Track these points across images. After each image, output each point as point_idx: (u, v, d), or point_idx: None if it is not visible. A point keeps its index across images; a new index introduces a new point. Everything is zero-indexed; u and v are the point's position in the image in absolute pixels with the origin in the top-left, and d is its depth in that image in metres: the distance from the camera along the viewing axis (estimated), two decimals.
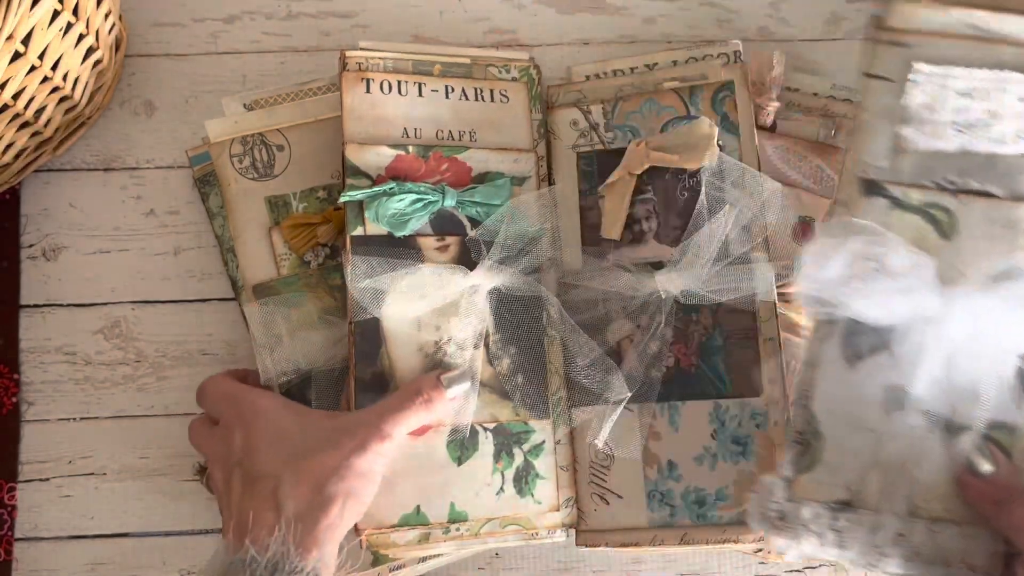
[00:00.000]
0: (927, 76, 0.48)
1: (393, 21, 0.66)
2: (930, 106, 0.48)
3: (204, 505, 0.60)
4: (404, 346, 0.55)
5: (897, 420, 0.48)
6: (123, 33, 0.63)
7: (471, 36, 0.66)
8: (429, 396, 0.52)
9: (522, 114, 0.60)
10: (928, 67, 0.48)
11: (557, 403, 0.57)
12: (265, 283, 0.58)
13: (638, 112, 0.60)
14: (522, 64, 0.61)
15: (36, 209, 0.63)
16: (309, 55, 0.65)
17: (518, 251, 0.57)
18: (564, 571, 0.60)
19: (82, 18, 0.55)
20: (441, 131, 0.58)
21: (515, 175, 0.59)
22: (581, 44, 0.66)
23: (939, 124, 0.48)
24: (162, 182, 0.64)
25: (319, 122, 0.60)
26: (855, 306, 0.48)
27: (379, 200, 0.55)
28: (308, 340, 0.56)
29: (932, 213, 0.48)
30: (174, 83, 0.65)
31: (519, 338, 0.57)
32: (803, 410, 0.50)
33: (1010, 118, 0.47)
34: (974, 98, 0.47)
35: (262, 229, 0.59)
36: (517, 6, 0.66)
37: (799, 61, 0.64)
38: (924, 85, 0.48)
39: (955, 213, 0.48)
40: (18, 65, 0.51)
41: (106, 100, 0.63)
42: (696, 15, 0.67)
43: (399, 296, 0.54)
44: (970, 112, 0.47)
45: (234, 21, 0.66)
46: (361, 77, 0.58)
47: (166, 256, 0.63)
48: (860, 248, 0.47)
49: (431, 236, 0.56)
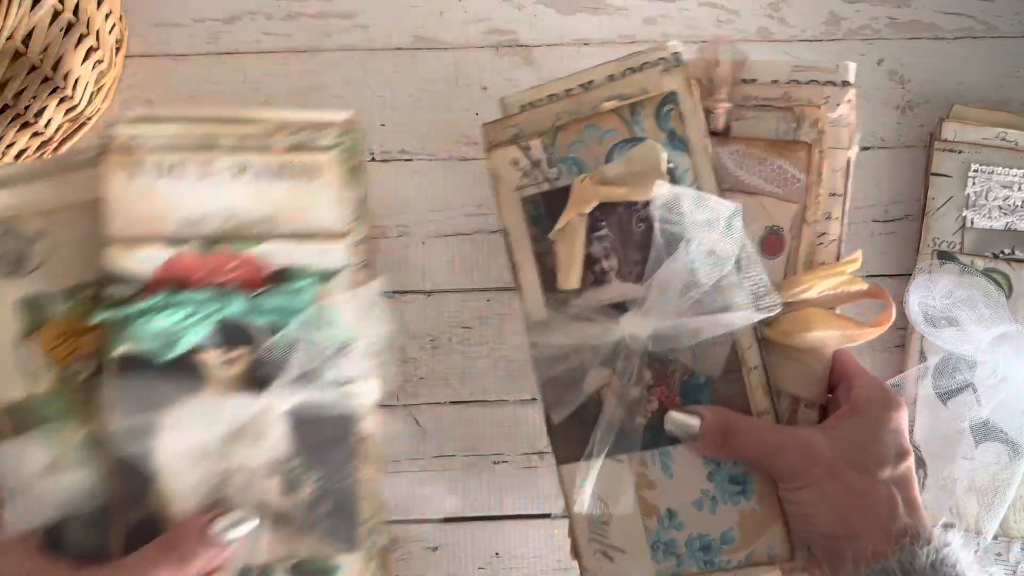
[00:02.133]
0: (977, 173, 0.62)
1: (393, 21, 0.66)
2: (982, 195, 0.62)
3: None
4: (180, 482, 0.46)
5: (985, 449, 0.59)
6: (123, 34, 0.63)
7: (471, 36, 0.66)
8: (184, 553, 0.43)
9: (333, 192, 0.49)
10: (978, 166, 0.62)
11: (370, 533, 0.48)
12: (18, 404, 0.47)
13: (579, 141, 0.53)
14: (336, 130, 0.50)
15: None
16: (309, 55, 0.65)
17: (324, 361, 0.48)
18: (564, 571, 0.60)
19: (83, 19, 0.55)
20: (230, 221, 0.48)
21: (324, 269, 0.48)
22: (581, 44, 0.66)
23: (990, 208, 0.62)
24: None
25: (87, 204, 0.47)
26: (945, 335, 0.59)
27: (145, 316, 0.45)
28: (66, 480, 0.46)
29: (994, 277, 0.62)
30: (174, 83, 0.65)
31: (325, 462, 0.48)
32: None
33: None
34: (1012, 189, 0.62)
35: (11, 338, 0.47)
36: (517, 6, 0.66)
37: None
38: (976, 179, 0.62)
39: (1011, 277, 0.62)
40: (19, 65, 0.51)
41: (106, 101, 0.63)
42: (696, 15, 0.67)
43: (173, 427, 0.45)
44: (1010, 199, 0.62)
45: (234, 21, 0.66)
46: (127, 161, 0.46)
47: None
48: (951, 283, 0.59)
49: (216, 349, 0.47)
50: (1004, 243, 0.62)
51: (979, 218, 0.62)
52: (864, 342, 0.51)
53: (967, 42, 0.67)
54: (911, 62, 0.67)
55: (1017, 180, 0.62)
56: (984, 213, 0.62)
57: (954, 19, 0.67)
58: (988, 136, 0.63)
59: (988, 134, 0.63)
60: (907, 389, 0.61)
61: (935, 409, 0.61)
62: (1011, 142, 0.63)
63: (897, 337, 0.64)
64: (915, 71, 0.67)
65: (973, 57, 0.67)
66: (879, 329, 0.51)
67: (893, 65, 0.67)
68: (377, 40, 0.66)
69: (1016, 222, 0.62)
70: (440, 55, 0.66)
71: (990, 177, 0.62)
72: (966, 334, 0.59)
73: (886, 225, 0.65)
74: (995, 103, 0.66)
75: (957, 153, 0.63)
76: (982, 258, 0.62)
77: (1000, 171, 0.62)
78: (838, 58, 0.66)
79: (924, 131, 0.66)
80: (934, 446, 0.60)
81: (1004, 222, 0.62)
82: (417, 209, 0.65)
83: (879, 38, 0.67)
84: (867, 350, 0.64)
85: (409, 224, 0.64)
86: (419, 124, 0.65)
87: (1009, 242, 0.62)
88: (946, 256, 0.62)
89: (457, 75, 0.66)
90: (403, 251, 0.64)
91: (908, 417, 0.57)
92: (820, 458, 0.45)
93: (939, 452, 0.60)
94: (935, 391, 0.61)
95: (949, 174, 0.63)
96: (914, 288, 0.60)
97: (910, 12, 0.67)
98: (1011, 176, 0.62)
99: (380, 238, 0.64)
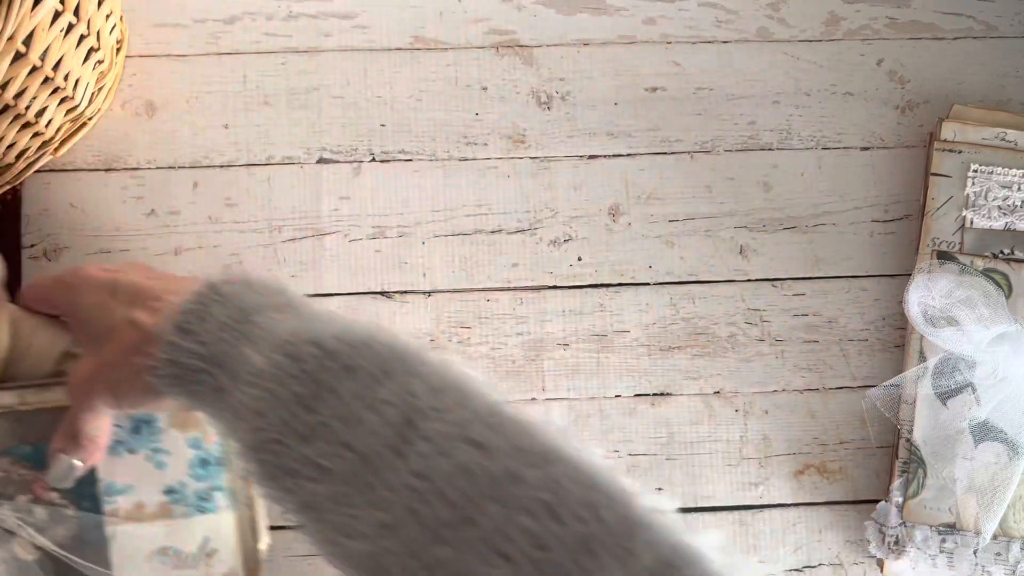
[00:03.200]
0: (977, 173, 0.62)
1: (393, 22, 0.66)
2: (981, 195, 0.62)
3: None
4: None
5: (984, 449, 0.59)
6: (124, 35, 0.63)
7: (471, 36, 0.66)
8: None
9: None
10: (976, 166, 0.62)
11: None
12: None
13: None
14: None
15: (37, 209, 0.63)
16: (309, 55, 0.65)
17: None
18: None
19: (83, 19, 0.55)
20: None
21: None
22: (581, 44, 0.66)
23: (990, 208, 0.62)
24: (163, 182, 0.64)
25: None
26: (945, 335, 0.59)
27: None
28: None
29: (993, 277, 0.61)
30: (174, 83, 0.65)
31: None
32: (906, 442, 0.60)
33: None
34: (1012, 189, 0.62)
35: None
36: (517, 6, 0.66)
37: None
38: (976, 179, 0.62)
39: (1010, 277, 0.61)
40: (19, 66, 0.51)
41: (107, 101, 0.63)
42: (696, 15, 0.67)
43: None
44: (1009, 199, 0.62)
45: (234, 22, 0.66)
46: None
47: (167, 256, 0.63)
48: (950, 282, 0.59)
49: None
50: (1004, 243, 0.62)
51: (979, 218, 0.62)
52: None
53: (967, 42, 0.67)
54: (911, 62, 0.67)
55: (1017, 180, 0.62)
56: (984, 213, 0.62)
57: (954, 19, 0.67)
58: (988, 136, 0.63)
59: (988, 134, 0.63)
60: (907, 389, 0.61)
61: (934, 409, 0.60)
62: (1011, 142, 0.63)
63: (897, 337, 0.64)
64: (915, 71, 0.67)
65: (973, 57, 0.67)
66: None
67: (893, 65, 0.67)
68: (377, 40, 0.66)
69: (1016, 222, 0.62)
70: (440, 55, 0.66)
71: (989, 177, 0.62)
72: (965, 334, 0.59)
73: (886, 225, 0.65)
74: (995, 103, 0.67)
75: (957, 153, 0.63)
76: (982, 258, 0.62)
77: (1000, 171, 0.62)
78: (838, 58, 0.66)
79: (924, 131, 0.66)
80: (934, 446, 0.60)
81: (1004, 222, 0.62)
82: (417, 209, 0.65)
83: (879, 38, 0.67)
84: (866, 351, 0.64)
85: (409, 224, 0.64)
86: (419, 124, 0.65)
87: (1009, 242, 0.62)
88: (945, 256, 0.62)
89: (457, 75, 0.66)
90: (403, 251, 0.64)
91: (907, 416, 0.60)
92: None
93: (939, 452, 0.60)
94: (934, 391, 0.61)
95: (948, 174, 0.63)
96: (913, 288, 0.61)
97: (910, 12, 0.67)
98: (1011, 176, 0.62)
99: (380, 238, 0.64)
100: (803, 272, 0.65)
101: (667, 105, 0.66)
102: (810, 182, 0.66)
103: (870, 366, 0.64)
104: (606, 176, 0.65)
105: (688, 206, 0.65)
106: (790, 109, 0.66)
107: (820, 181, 0.66)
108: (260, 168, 0.64)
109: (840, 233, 0.65)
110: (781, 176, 0.66)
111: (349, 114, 0.65)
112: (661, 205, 0.65)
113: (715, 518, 0.62)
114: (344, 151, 0.65)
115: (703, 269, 0.65)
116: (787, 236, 0.65)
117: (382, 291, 0.63)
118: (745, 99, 0.66)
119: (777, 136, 0.66)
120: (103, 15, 0.57)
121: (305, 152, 0.64)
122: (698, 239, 0.65)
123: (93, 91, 0.61)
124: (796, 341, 0.64)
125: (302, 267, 0.63)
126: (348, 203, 0.64)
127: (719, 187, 0.65)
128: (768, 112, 0.66)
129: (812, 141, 0.66)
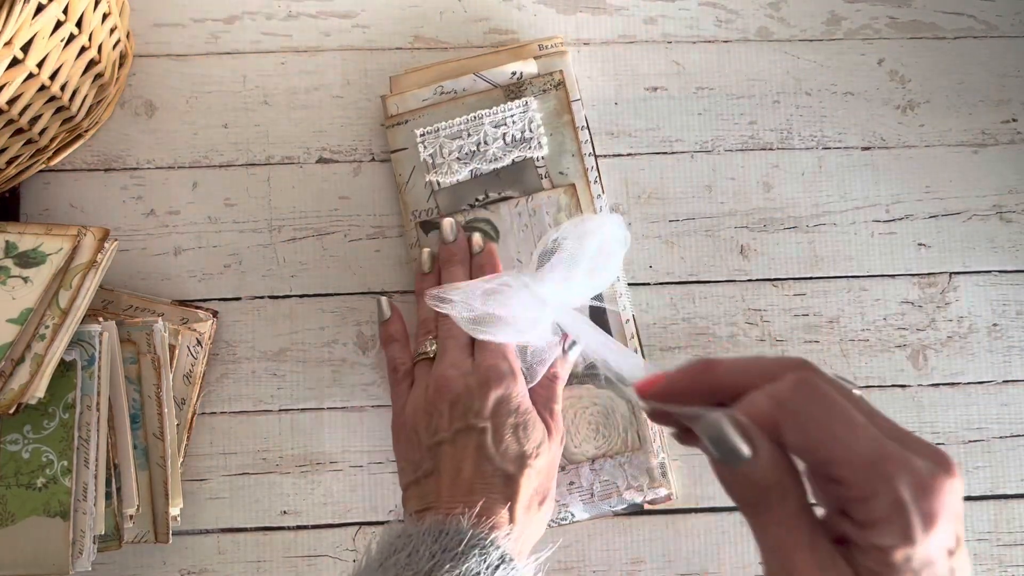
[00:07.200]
0: (424, 135, 0.63)
1: (393, 21, 0.66)
2: (436, 155, 0.62)
3: (202, 506, 0.60)
4: None
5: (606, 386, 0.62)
6: (128, 51, 0.63)
7: (471, 36, 0.66)
8: None
9: None
10: (422, 129, 0.63)
11: None
12: None
13: None
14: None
15: (37, 209, 0.63)
16: (309, 55, 0.65)
17: None
18: (564, 571, 0.60)
19: (85, 31, 0.55)
20: None
21: None
22: (581, 44, 0.66)
23: (448, 164, 0.62)
24: (162, 182, 0.64)
25: None
26: (529, 337, 0.56)
27: None
28: None
29: (480, 227, 0.62)
30: (174, 84, 0.65)
31: None
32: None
33: (492, 141, 0.63)
34: (463, 138, 0.62)
35: None
36: (517, 6, 0.66)
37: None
38: (426, 143, 0.63)
39: (492, 220, 0.62)
40: (15, 71, 0.51)
41: (106, 114, 0.63)
42: (696, 15, 0.67)
43: None
44: (464, 148, 0.62)
45: (234, 21, 0.66)
46: None
47: (166, 256, 0.63)
48: (462, 300, 0.55)
49: None
50: (476, 191, 0.63)
51: (442, 177, 0.62)
52: None
53: (967, 42, 0.67)
54: (911, 62, 0.67)
55: (464, 126, 0.62)
56: (444, 171, 0.62)
57: (954, 19, 0.67)
58: (428, 96, 0.63)
59: (426, 94, 0.63)
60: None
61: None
62: (449, 91, 0.63)
63: (897, 337, 0.64)
64: (915, 71, 0.67)
65: (973, 57, 0.67)
66: None
67: (893, 65, 0.67)
68: (377, 40, 0.66)
69: (479, 167, 0.62)
70: (440, 55, 0.66)
71: (437, 135, 0.62)
72: (519, 331, 0.56)
73: (886, 225, 0.65)
74: (996, 103, 0.66)
75: (404, 124, 0.63)
76: (460, 213, 0.62)
77: (445, 125, 0.62)
78: (839, 57, 0.66)
79: (925, 131, 0.66)
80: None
81: (468, 171, 0.62)
82: None
83: (879, 38, 0.67)
84: (866, 351, 0.64)
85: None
86: None
87: (481, 188, 0.63)
88: (430, 225, 0.63)
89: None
90: (403, 251, 0.64)
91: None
92: None
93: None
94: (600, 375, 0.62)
95: (404, 146, 0.63)
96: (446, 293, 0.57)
97: (910, 12, 0.67)
98: (457, 126, 0.62)
99: (380, 238, 0.64)
100: (803, 272, 0.65)
101: (667, 105, 0.66)
102: (810, 182, 0.66)
103: (870, 366, 0.64)
104: (606, 176, 0.65)
105: (688, 206, 0.65)
106: (790, 109, 0.66)
107: (820, 181, 0.66)
108: (260, 168, 0.64)
109: (840, 233, 0.65)
110: (781, 176, 0.66)
111: (349, 114, 0.65)
112: (661, 205, 0.65)
113: (716, 518, 0.62)
114: (344, 151, 0.64)
115: (703, 269, 0.65)
116: (787, 236, 0.65)
117: (382, 291, 0.63)
118: (745, 99, 0.66)
119: (777, 136, 0.66)
120: (107, 29, 0.57)
121: (305, 152, 0.64)
122: (698, 239, 0.65)
123: (91, 103, 0.61)
124: (796, 341, 0.64)
125: (302, 267, 0.63)
126: (348, 203, 0.64)
127: (719, 187, 0.65)
128: (768, 112, 0.66)
129: (812, 141, 0.66)
